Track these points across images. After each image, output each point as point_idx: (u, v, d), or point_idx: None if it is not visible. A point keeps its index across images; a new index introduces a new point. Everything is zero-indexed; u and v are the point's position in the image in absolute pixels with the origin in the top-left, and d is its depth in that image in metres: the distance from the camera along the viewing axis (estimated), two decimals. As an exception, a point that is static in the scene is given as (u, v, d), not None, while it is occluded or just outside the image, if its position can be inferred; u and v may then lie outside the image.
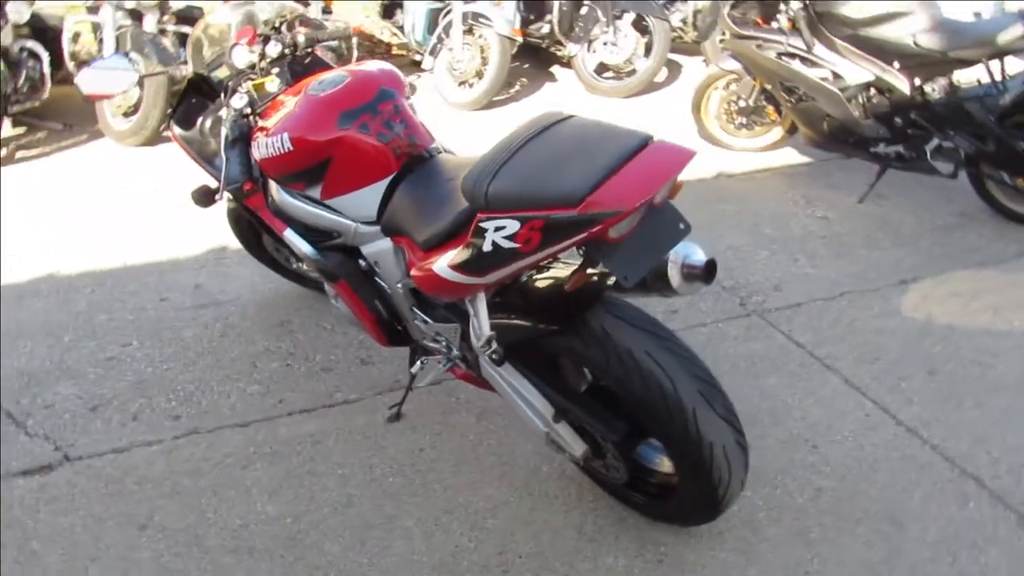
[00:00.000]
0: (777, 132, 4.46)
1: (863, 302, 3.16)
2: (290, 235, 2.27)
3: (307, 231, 2.28)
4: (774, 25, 3.98)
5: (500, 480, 2.30)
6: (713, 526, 2.12)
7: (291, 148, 2.09)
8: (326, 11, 5.38)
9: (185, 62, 4.64)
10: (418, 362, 2.27)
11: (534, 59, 6.34)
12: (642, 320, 1.81)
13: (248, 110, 2.28)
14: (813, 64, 3.86)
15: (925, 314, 3.07)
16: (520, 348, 1.93)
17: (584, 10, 5.56)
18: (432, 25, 5.48)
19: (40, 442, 2.44)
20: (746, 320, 3.05)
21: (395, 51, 6.40)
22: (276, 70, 2.40)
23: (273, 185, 2.29)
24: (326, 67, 2.53)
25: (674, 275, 1.80)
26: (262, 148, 2.18)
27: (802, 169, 4.41)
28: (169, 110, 2.56)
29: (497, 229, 1.56)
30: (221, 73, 2.46)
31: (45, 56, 4.79)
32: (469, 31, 5.25)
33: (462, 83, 5.35)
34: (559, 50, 5.83)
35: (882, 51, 3.69)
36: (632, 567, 2.02)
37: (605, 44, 5.50)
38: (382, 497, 2.24)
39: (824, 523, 2.15)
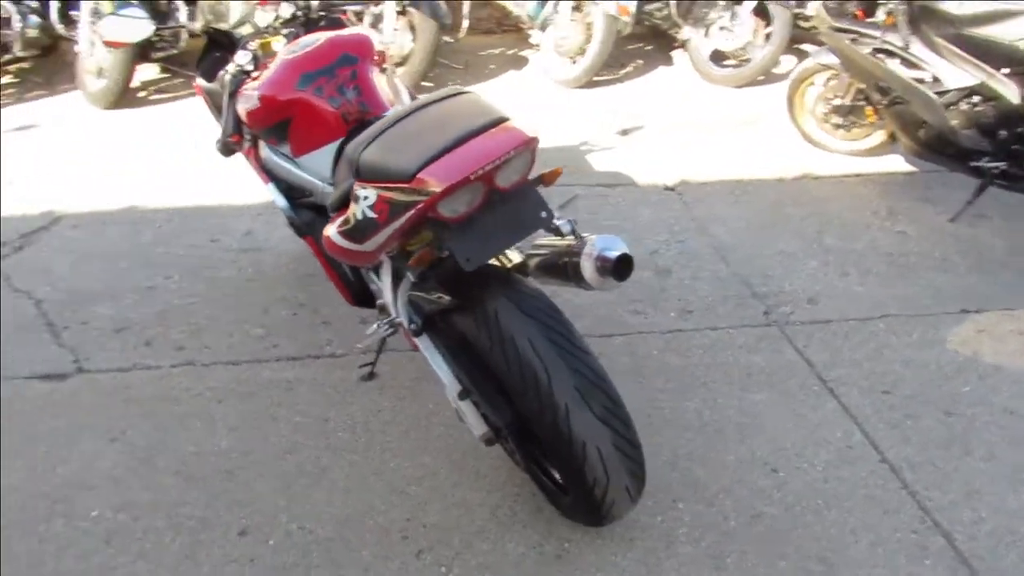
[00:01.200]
0: (878, 136, 4.09)
1: (904, 328, 2.87)
2: (271, 188, 2.40)
3: (289, 188, 2.39)
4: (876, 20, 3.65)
5: (440, 451, 2.33)
6: (627, 531, 2.05)
7: (258, 105, 2.20)
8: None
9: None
10: (375, 324, 2.33)
11: (656, 42, 6.16)
12: (539, 310, 1.75)
13: (251, 67, 2.41)
14: (911, 64, 3.51)
15: (972, 350, 2.76)
16: (438, 321, 1.95)
17: (705, -8, 5.33)
18: (545, -2, 5.45)
19: (66, 353, 2.73)
20: (762, 330, 2.86)
21: (520, 25, 6.40)
22: (287, 30, 2.51)
23: (261, 141, 2.42)
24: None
25: (587, 267, 1.75)
26: (242, 102, 2.31)
27: (899, 178, 4.03)
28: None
29: (364, 198, 1.58)
30: (245, 30, 2.60)
31: (184, 8, 5.22)
32: (578, 8, 5.18)
33: (566, 60, 5.30)
34: (677, 33, 5.63)
35: (989, 54, 3.29)
36: (527, 556, 2.00)
37: (721, 29, 5.25)
38: (324, 449, 2.34)
39: (746, 551, 2.02)
